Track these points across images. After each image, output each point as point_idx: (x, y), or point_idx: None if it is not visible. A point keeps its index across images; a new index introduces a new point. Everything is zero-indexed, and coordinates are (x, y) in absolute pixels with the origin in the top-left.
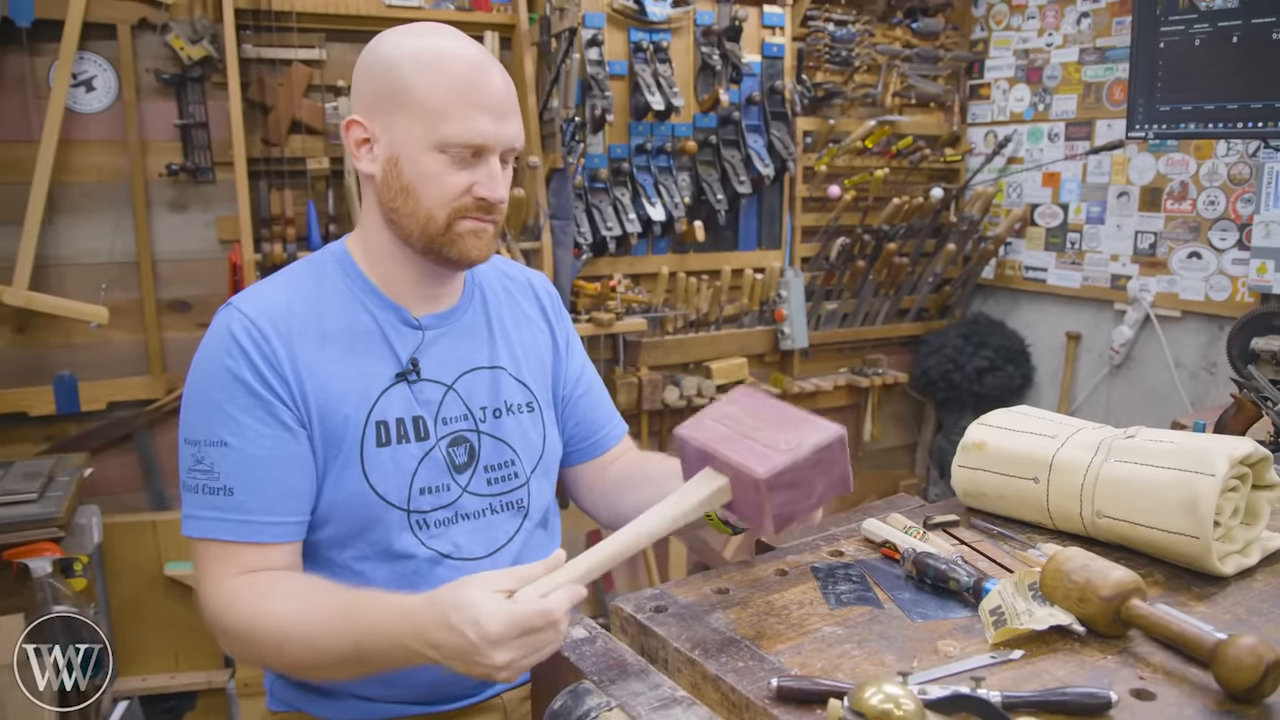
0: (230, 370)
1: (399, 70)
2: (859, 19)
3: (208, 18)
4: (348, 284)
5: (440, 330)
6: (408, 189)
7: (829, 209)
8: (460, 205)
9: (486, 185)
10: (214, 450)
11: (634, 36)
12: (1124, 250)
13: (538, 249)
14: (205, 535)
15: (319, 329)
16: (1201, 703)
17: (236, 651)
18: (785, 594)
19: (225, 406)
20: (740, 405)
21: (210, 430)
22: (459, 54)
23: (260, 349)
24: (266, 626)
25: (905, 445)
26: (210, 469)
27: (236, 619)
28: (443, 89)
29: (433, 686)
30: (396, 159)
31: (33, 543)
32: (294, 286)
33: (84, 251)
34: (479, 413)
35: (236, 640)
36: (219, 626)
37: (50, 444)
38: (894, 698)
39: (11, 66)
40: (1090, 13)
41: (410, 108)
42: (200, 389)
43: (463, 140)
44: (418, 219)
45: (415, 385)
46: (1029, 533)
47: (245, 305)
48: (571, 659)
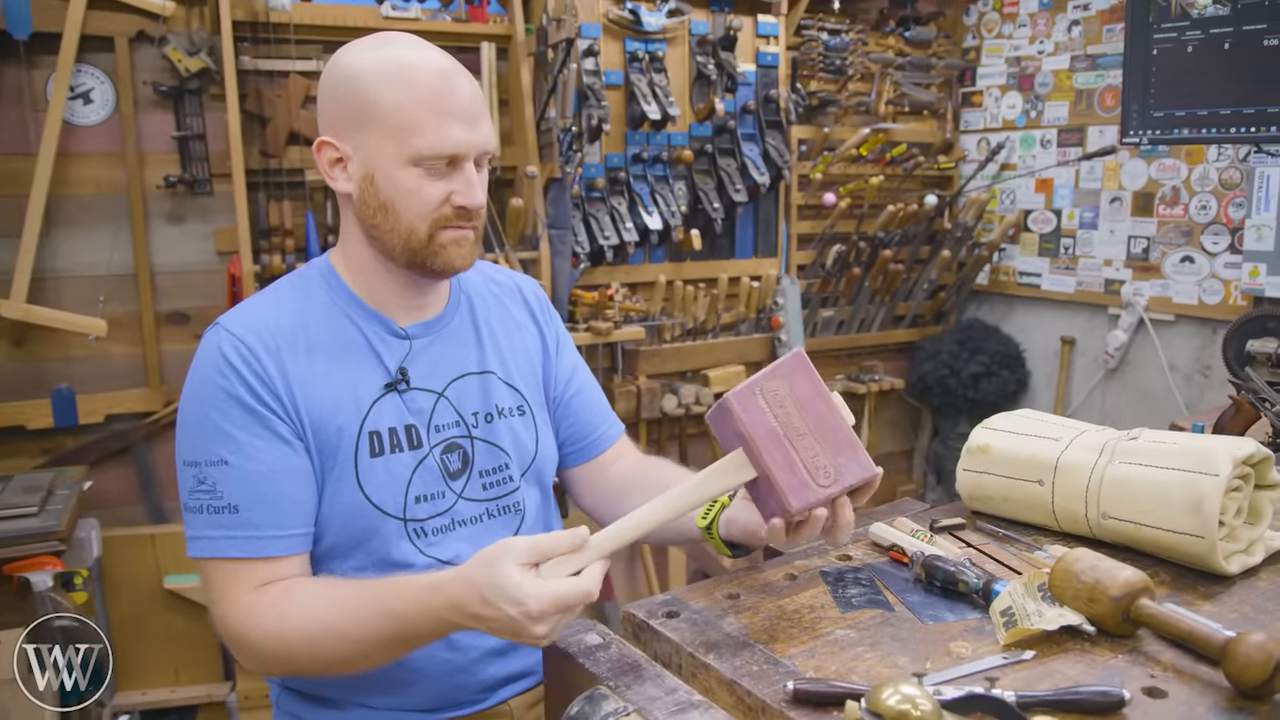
0: (224, 389)
1: (363, 86)
2: (852, 28)
3: (205, 30)
4: (333, 298)
5: (427, 339)
6: (386, 205)
7: (824, 216)
8: (440, 216)
9: (464, 193)
10: (215, 470)
11: (629, 46)
12: (1117, 255)
13: (536, 258)
14: (214, 555)
15: (307, 342)
16: (1213, 700)
17: (263, 663)
18: (796, 598)
19: (222, 425)
20: (792, 386)
21: (209, 450)
22: (422, 64)
23: (251, 365)
24: (296, 630)
25: (902, 451)
26: (213, 489)
27: (260, 631)
28: (410, 101)
29: (440, 694)
30: (372, 176)
31: (33, 556)
32: (280, 302)
33: (82, 264)
34: (470, 418)
35: (264, 651)
36: (241, 643)
37: (47, 457)
38: (911, 698)
39: (9, 79)
40: (1081, 20)
41: (379, 123)
42: (195, 410)
43: (436, 151)
44: (399, 234)
45: (406, 394)
46: (1034, 535)
47: (232, 324)
48: (586, 665)
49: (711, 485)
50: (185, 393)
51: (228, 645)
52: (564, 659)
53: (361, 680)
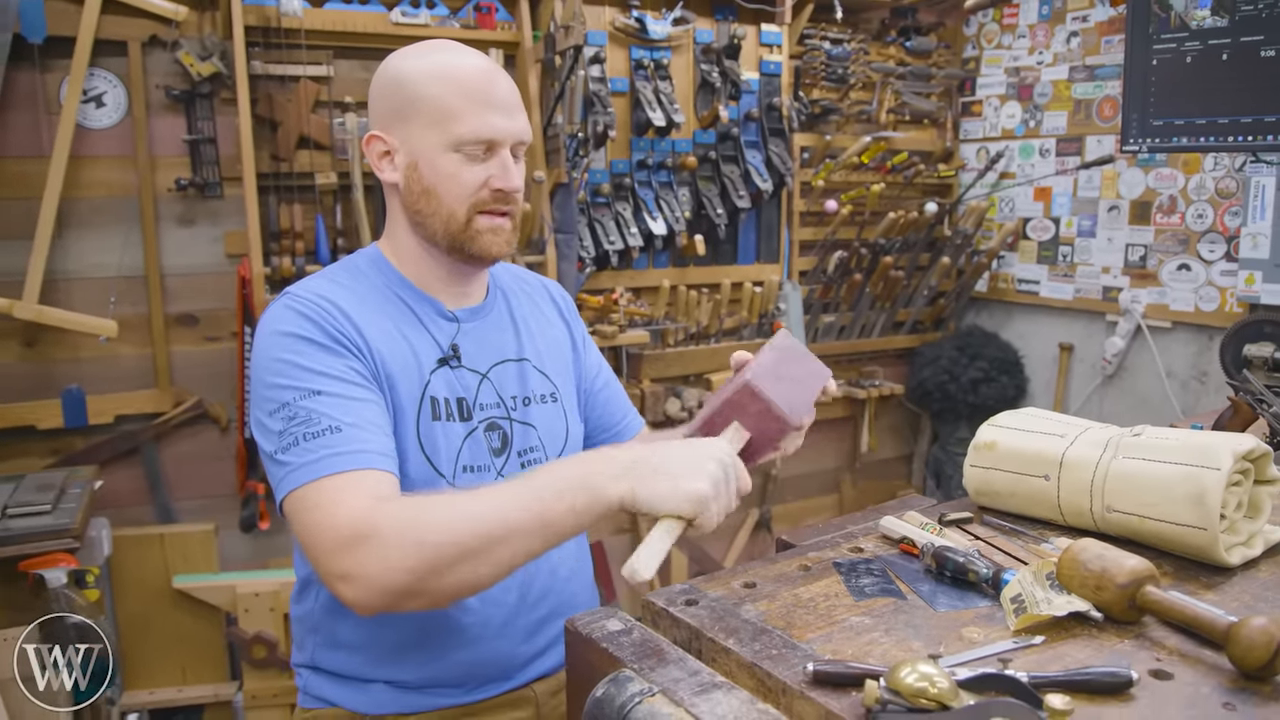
0: (303, 338)
1: (410, 84)
2: (854, 37)
3: (217, 35)
4: (385, 280)
5: (473, 323)
6: (429, 190)
7: (826, 223)
8: (478, 199)
9: (501, 176)
10: (309, 401)
11: (635, 54)
12: (1115, 263)
13: (542, 262)
14: (321, 474)
15: (369, 312)
16: (1217, 681)
17: (387, 557)
18: (811, 587)
19: (309, 366)
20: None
21: (299, 388)
22: (464, 63)
23: (329, 316)
24: (436, 506)
25: (902, 456)
26: (308, 418)
27: (392, 515)
28: (451, 93)
29: (469, 667)
30: (416, 164)
31: (48, 553)
32: (337, 280)
33: (93, 266)
34: (510, 401)
35: (393, 540)
36: (362, 532)
37: (57, 457)
38: (929, 676)
39: (23, 83)
40: (1080, 32)
41: (424, 115)
42: (274, 366)
43: (475, 136)
44: (440, 217)
45: (456, 370)
46: (1040, 529)
47: (302, 291)
48: (610, 649)
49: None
50: (260, 355)
51: (340, 555)
52: (586, 644)
53: (393, 653)
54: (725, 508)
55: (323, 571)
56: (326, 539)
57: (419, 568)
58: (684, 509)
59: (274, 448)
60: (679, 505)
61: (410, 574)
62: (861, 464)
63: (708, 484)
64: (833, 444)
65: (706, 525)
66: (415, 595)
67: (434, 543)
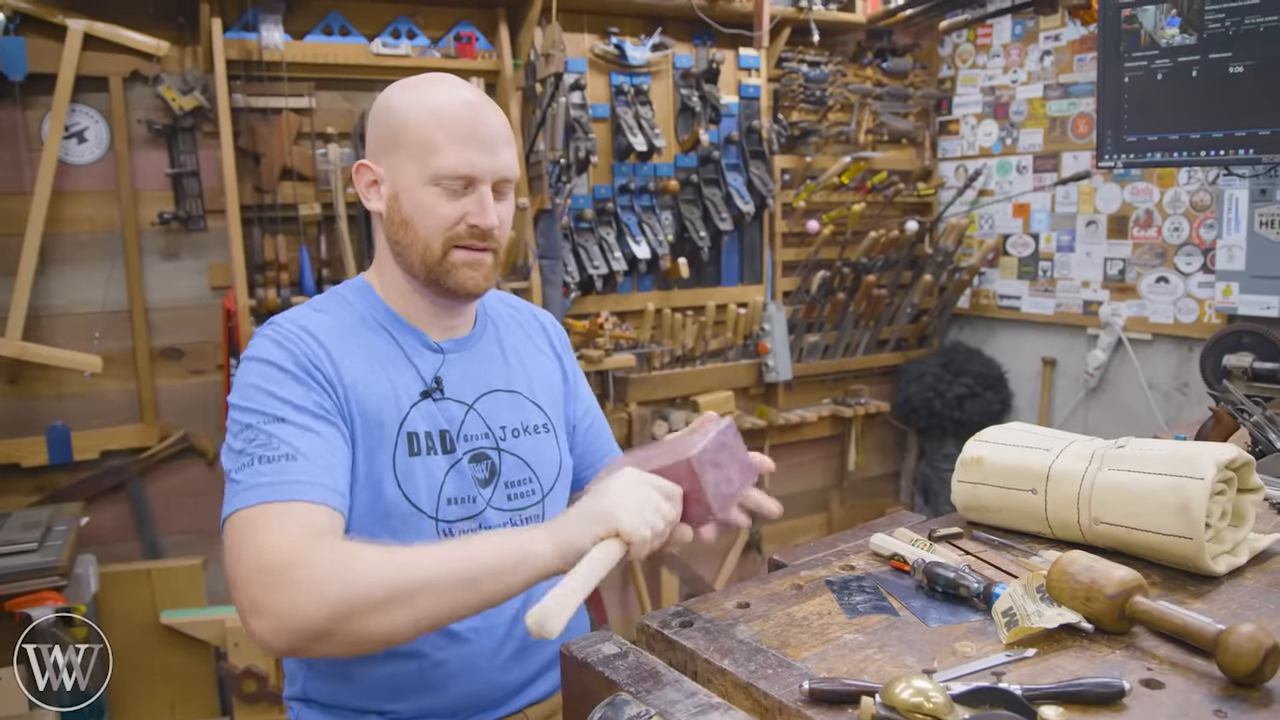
0: (276, 365)
1: (398, 115)
2: (831, 60)
3: (199, 69)
4: (370, 310)
5: (459, 354)
6: (407, 221)
7: (808, 244)
8: (454, 234)
9: (478, 214)
10: (272, 425)
11: (615, 80)
12: (1094, 277)
13: (527, 287)
14: (266, 499)
15: (351, 345)
16: (1207, 689)
17: (324, 592)
18: (804, 606)
19: (278, 393)
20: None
21: (266, 412)
22: (451, 96)
23: (304, 347)
24: (373, 552)
25: (890, 473)
26: (268, 441)
27: (321, 552)
28: (433, 127)
29: (463, 697)
30: (397, 194)
31: (35, 592)
32: (322, 310)
33: (76, 301)
34: (499, 431)
35: (329, 576)
36: (286, 564)
37: (42, 494)
38: (923, 691)
39: (4, 119)
40: (1053, 50)
41: (407, 147)
42: (245, 391)
43: (453, 171)
44: (416, 249)
45: (439, 402)
46: (1029, 542)
47: (284, 322)
48: (606, 673)
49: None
50: (236, 380)
51: (256, 582)
52: (582, 668)
53: (386, 685)
54: (652, 521)
55: (236, 599)
56: (249, 563)
57: (335, 612)
58: (598, 529)
59: (232, 466)
60: (593, 528)
61: (324, 616)
62: (849, 482)
63: (619, 497)
64: (820, 462)
65: (634, 535)
66: (324, 638)
67: (358, 585)
